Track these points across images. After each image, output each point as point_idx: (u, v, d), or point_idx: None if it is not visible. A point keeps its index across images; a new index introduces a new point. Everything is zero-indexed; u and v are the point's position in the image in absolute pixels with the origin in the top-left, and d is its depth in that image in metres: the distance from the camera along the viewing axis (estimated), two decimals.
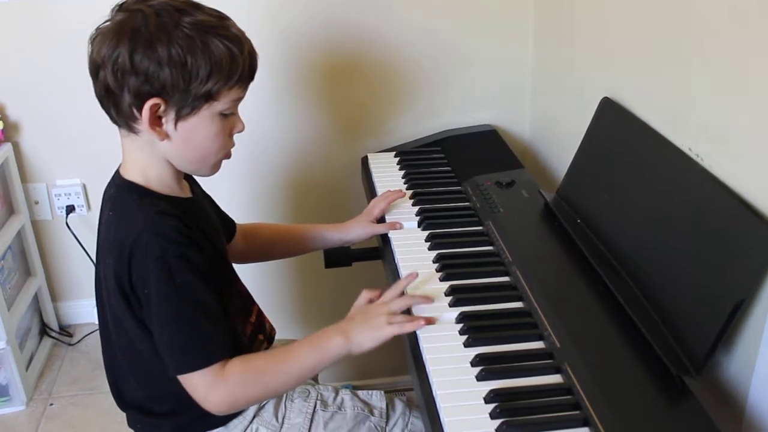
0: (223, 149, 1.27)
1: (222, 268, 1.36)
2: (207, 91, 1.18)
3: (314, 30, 2.02)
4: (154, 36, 1.14)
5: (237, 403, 1.26)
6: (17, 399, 2.17)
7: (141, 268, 1.18)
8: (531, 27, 2.07)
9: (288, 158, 2.15)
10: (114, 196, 1.28)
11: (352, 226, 1.64)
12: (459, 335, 1.23)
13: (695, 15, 1.27)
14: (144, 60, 1.15)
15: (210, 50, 1.16)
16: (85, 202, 2.28)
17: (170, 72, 1.15)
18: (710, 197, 1.19)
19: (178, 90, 1.16)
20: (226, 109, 1.22)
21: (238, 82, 1.21)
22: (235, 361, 1.22)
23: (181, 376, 1.21)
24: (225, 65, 1.18)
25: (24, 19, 2.04)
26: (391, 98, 2.11)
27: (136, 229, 1.19)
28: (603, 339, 1.22)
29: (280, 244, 1.67)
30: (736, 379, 1.16)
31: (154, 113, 1.18)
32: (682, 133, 1.31)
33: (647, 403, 1.09)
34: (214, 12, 1.21)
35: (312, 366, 1.25)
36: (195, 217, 1.28)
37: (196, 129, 1.21)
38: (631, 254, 1.33)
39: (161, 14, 1.16)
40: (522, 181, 1.74)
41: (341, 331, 1.25)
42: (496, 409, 1.06)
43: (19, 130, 2.19)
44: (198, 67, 1.16)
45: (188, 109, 1.19)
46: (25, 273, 2.32)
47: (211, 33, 1.17)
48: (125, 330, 1.27)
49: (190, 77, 1.16)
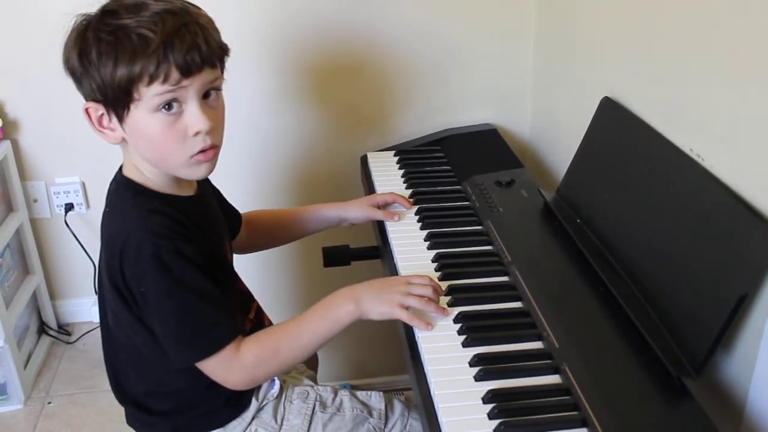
0: (182, 149, 1.20)
1: (221, 264, 1.35)
2: (122, 88, 1.14)
3: (315, 29, 2.01)
4: (80, 42, 1.17)
5: (256, 381, 1.31)
6: (15, 397, 2.17)
7: (135, 267, 1.18)
8: (532, 26, 2.06)
9: (288, 156, 2.15)
10: (113, 191, 1.29)
11: (351, 206, 1.64)
12: (457, 335, 1.22)
13: (696, 14, 1.27)
14: (75, 66, 1.18)
15: (117, 48, 1.13)
16: (84, 200, 2.27)
17: (90, 76, 1.16)
18: (711, 197, 1.18)
19: (101, 93, 1.16)
20: (159, 105, 1.15)
21: (155, 74, 1.13)
22: (249, 343, 1.24)
23: (198, 364, 1.23)
24: (131, 59, 1.13)
25: (23, 16, 2.04)
26: (392, 97, 2.11)
27: (127, 228, 1.19)
28: (602, 339, 1.21)
29: (281, 228, 1.66)
30: (735, 380, 1.15)
31: (98, 117, 1.20)
32: (683, 133, 1.30)
33: (646, 403, 1.08)
34: (162, 8, 1.16)
35: (325, 335, 1.26)
36: (193, 215, 1.28)
37: (138, 129, 1.19)
38: (630, 254, 1.33)
39: (97, 18, 1.17)
40: (522, 180, 1.74)
41: (353, 298, 1.25)
42: (495, 410, 1.05)
43: (18, 127, 2.19)
44: (109, 67, 1.14)
45: (121, 110, 1.17)
46: (23, 271, 2.31)
47: (125, 31, 1.14)
48: (122, 325, 1.27)
49: (104, 78, 1.15)
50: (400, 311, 1.24)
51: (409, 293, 1.26)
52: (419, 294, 1.26)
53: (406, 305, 1.25)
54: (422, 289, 1.27)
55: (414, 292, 1.26)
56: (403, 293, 1.25)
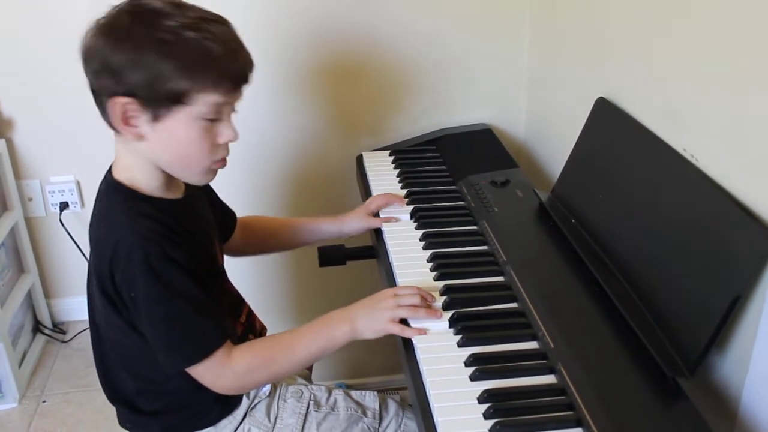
0: (207, 157, 1.23)
1: (210, 266, 1.35)
2: (177, 92, 1.15)
3: (312, 29, 2.01)
4: (128, 36, 1.14)
5: (245, 388, 1.33)
6: (10, 396, 2.17)
7: (126, 272, 1.18)
8: (526, 26, 2.06)
9: (284, 155, 2.15)
10: (103, 193, 1.28)
11: (349, 219, 1.64)
12: (453, 335, 1.23)
13: (691, 15, 1.27)
14: (115, 59, 1.14)
15: (181, 50, 1.14)
16: (79, 198, 2.27)
17: (139, 72, 1.14)
18: (705, 198, 1.19)
19: (146, 90, 1.15)
20: (205, 114, 1.18)
21: (214, 85, 1.17)
22: (242, 350, 1.25)
23: (187, 369, 1.23)
24: (196, 67, 1.15)
25: (19, 14, 2.03)
26: (387, 97, 2.11)
27: (117, 233, 1.19)
28: (597, 339, 1.22)
29: (277, 236, 1.66)
30: (729, 379, 1.16)
31: (125, 113, 1.17)
32: (677, 133, 1.31)
33: (640, 403, 1.09)
34: (204, 14, 1.19)
35: (317, 353, 1.28)
36: (182, 218, 1.27)
37: (171, 132, 1.19)
38: (625, 254, 1.33)
39: (143, 15, 1.16)
40: (516, 180, 1.74)
41: (348, 320, 1.26)
42: (490, 409, 1.06)
43: (13, 126, 2.18)
44: (167, 69, 1.14)
45: (161, 110, 1.17)
46: (18, 270, 2.31)
47: (187, 34, 1.14)
48: (112, 326, 1.27)
49: (157, 77, 1.14)
50: (392, 326, 1.25)
51: (398, 305, 1.26)
52: (407, 304, 1.27)
53: (397, 318, 1.25)
54: (409, 299, 1.28)
55: (402, 303, 1.27)
56: (391, 308, 1.26)
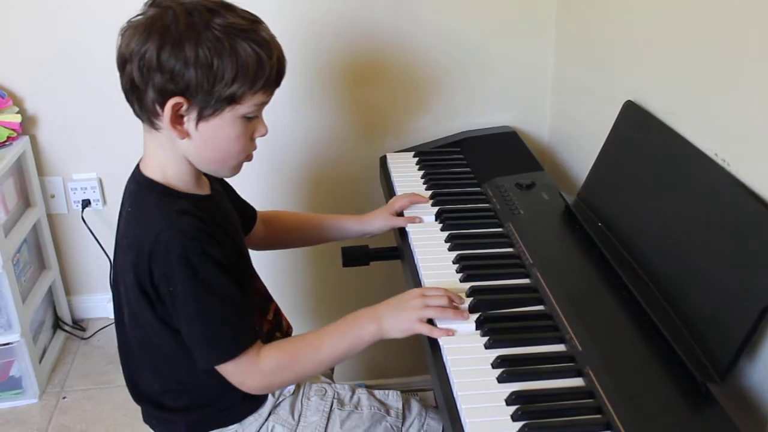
0: (243, 152, 1.26)
1: (241, 263, 1.35)
2: (231, 94, 1.17)
3: (337, 30, 2.02)
4: (183, 35, 1.14)
5: (272, 387, 1.34)
6: (30, 392, 2.17)
7: (164, 268, 1.19)
8: (552, 28, 2.06)
9: (308, 156, 2.15)
10: (134, 192, 1.28)
11: (373, 218, 1.65)
12: (480, 337, 1.22)
13: (723, 18, 1.26)
14: (171, 58, 1.14)
15: (237, 53, 1.16)
16: (101, 196, 2.28)
17: (195, 72, 1.14)
18: (736, 202, 1.18)
19: (201, 91, 1.16)
20: (249, 113, 1.21)
21: (263, 87, 1.20)
22: (270, 350, 1.25)
23: (218, 366, 1.24)
24: (251, 69, 1.17)
25: (43, 12, 2.05)
26: (411, 98, 2.11)
27: (156, 229, 1.19)
28: (625, 343, 1.21)
29: (300, 231, 1.67)
30: (759, 386, 1.15)
31: (176, 112, 1.17)
32: (708, 138, 1.29)
33: (670, 407, 1.07)
34: (246, 14, 1.21)
35: (344, 352, 1.28)
36: (214, 214, 1.29)
37: (217, 130, 1.20)
38: (653, 259, 1.32)
39: (192, 13, 1.15)
40: (542, 183, 1.73)
41: (375, 319, 1.26)
42: (518, 411, 1.05)
43: (37, 123, 2.19)
44: (224, 70, 1.15)
45: (211, 110, 1.18)
46: (39, 266, 2.32)
47: (240, 36, 1.16)
48: (142, 324, 1.27)
49: (215, 79, 1.15)
50: (420, 325, 1.24)
51: (426, 305, 1.26)
52: (435, 305, 1.26)
53: (424, 318, 1.25)
54: (437, 300, 1.27)
55: (430, 304, 1.26)
56: (419, 307, 1.26)
